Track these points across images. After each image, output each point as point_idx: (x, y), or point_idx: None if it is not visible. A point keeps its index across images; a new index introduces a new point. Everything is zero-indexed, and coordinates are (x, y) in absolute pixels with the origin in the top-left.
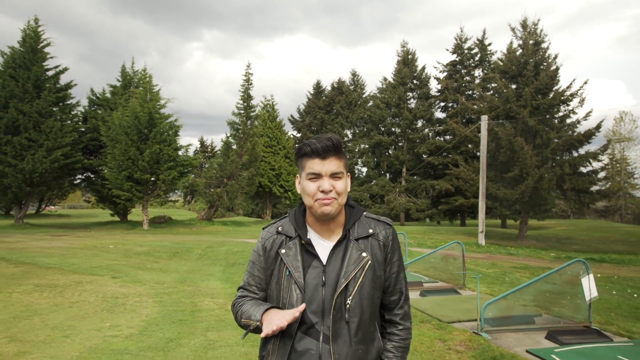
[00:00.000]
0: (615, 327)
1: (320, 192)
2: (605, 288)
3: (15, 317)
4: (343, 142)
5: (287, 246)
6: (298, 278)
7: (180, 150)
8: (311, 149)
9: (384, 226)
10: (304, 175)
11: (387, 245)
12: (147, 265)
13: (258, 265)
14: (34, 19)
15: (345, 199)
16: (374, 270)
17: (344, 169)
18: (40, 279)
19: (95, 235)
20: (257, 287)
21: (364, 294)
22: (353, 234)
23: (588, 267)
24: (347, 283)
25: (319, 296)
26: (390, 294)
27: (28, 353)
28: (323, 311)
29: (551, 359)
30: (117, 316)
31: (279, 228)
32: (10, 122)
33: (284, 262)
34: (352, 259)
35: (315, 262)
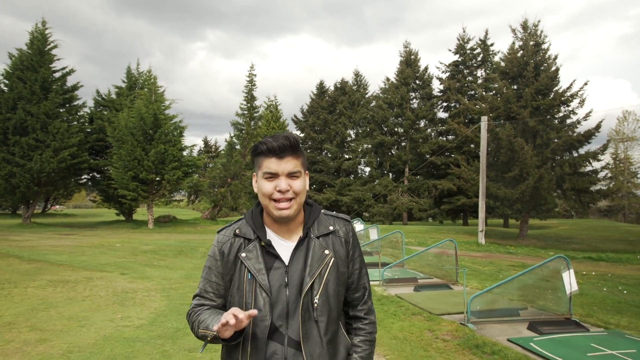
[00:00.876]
0: (595, 319)
1: (277, 192)
2: (597, 285)
3: (32, 309)
4: (300, 140)
5: (247, 249)
6: (262, 281)
7: (185, 151)
8: (267, 148)
9: (344, 222)
10: (260, 174)
11: (349, 242)
12: (153, 263)
13: (215, 270)
14: (42, 22)
15: (303, 198)
16: (337, 267)
17: (301, 168)
18: (53, 275)
19: (101, 234)
20: (215, 294)
21: (330, 291)
22: (314, 232)
23: (569, 263)
24: (312, 281)
25: (283, 298)
26: (354, 290)
27: (48, 340)
28: (287, 313)
29: (530, 347)
30: (128, 309)
31: (237, 231)
32: (19, 123)
33: (245, 265)
34: (315, 257)
35: (277, 263)
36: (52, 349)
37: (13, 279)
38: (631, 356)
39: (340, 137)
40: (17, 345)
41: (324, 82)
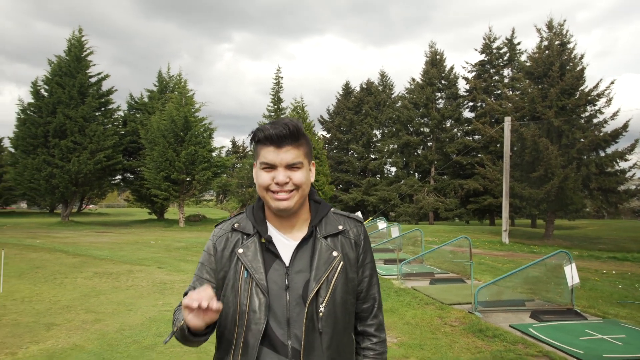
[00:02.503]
0: (596, 310)
1: (274, 184)
2: (613, 282)
3: (84, 295)
4: (302, 127)
5: (244, 245)
6: (260, 280)
7: (214, 152)
8: (264, 135)
9: (355, 223)
10: (258, 164)
11: (359, 245)
12: (187, 258)
13: (208, 267)
14: (78, 29)
15: (307, 190)
16: (346, 272)
17: (304, 159)
18: (97, 267)
19: (135, 232)
20: None
21: (337, 299)
22: (321, 231)
23: (570, 257)
24: (318, 287)
25: (283, 302)
26: (363, 300)
27: (103, 320)
28: (288, 320)
29: (528, 332)
30: (167, 297)
31: (235, 225)
32: (58, 126)
33: (241, 262)
34: (321, 259)
35: (277, 263)
36: (107, 327)
37: (63, 271)
38: (620, 340)
39: (366, 138)
40: (78, 324)
41: (349, 83)
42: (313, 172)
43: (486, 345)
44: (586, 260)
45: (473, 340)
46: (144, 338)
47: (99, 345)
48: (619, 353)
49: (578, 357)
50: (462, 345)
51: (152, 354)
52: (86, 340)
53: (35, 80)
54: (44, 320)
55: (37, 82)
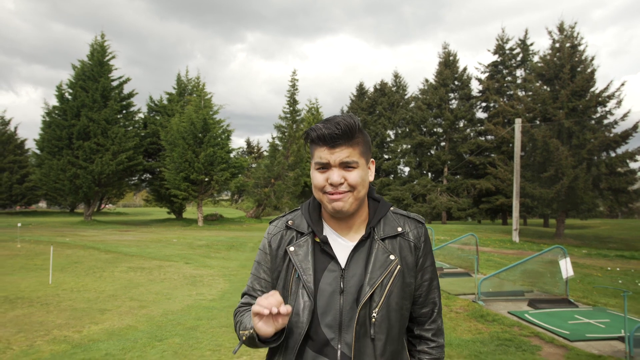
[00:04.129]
0: (588, 299)
1: (329, 185)
2: (615, 278)
3: (125, 286)
4: (359, 124)
5: (297, 243)
6: (307, 282)
7: (232, 153)
8: (317, 135)
9: (415, 224)
10: (312, 164)
11: (419, 247)
12: (211, 255)
13: (264, 265)
14: (101, 35)
15: (364, 192)
16: (403, 277)
17: (359, 158)
18: (129, 263)
19: (156, 231)
20: (263, 292)
21: (392, 304)
22: (378, 233)
23: (565, 252)
24: (372, 292)
25: (336, 306)
26: (422, 305)
27: (147, 307)
28: (340, 325)
29: (524, 317)
30: (200, 288)
31: (289, 222)
32: (82, 129)
33: (292, 262)
34: (377, 262)
35: (332, 265)
36: (152, 312)
37: (99, 265)
38: (604, 324)
39: (379, 138)
40: (126, 309)
41: (363, 84)
42: (372, 171)
43: (486, 327)
44: (593, 258)
45: (475, 324)
46: (187, 321)
47: (148, 326)
48: (600, 333)
49: (564, 336)
50: (464, 328)
51: (196, 333)
52: (137, 322)
53: (59, 84)
54: (96, 307)
55: (62, 85)
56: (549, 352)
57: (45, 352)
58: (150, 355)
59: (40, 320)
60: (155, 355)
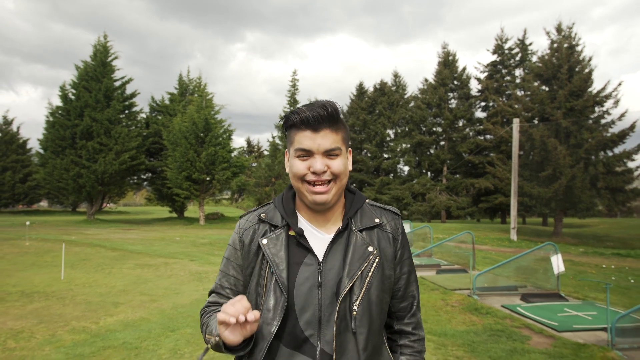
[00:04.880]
0: (579, 294)
1: (311, 173)
2: (608, 275)
3: (134, 282)
4: (340, 110)
5: (270, 236)
6: (280, 276)
7: (233, 152)
8: (300, 119)
9: (392, 216)
10: (292, 151)
11: (397, 239)
12: (214, 252)
13: (234, 262)
14: (103, 35)
15: (345, 180)
16: (382, 269)
17: (342, 144)
18: (136, 260)
19: (159, 230)
20: (232, 290)
21: (372, 297)
22: (356, 224)
23: (556, 248)
24: (352, 284)
25: (315, 301)
26: (401, 299)
27: (157, 300)
28: (320, 320)
29: (516, 310)
30: (206, 284)
31: (262, 215)
32: (85, 129)
33: (265, 256)
34: (356, 254)
35: (309, 258)
36: (163, 305)
37: (107, 262)
38: (590, 316)
39: (379, 137)
40: (138, 303)
41: (363, 83)
42: (350, 160)
43: (479, 320)
44: (590, 256)
45: (469, 316)
46: (196, 313)
47: (160, 318)
48: (586, 324)
49: (552, 327)
50: (459, 320)
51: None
52: (149, 314)
53: (63, 84)
54: (109, 300)
55: (65, 86)
56: (538, 341)
57: (66, 340)
58: (165, 344)
59: (58, 313)
60: (170, 344)
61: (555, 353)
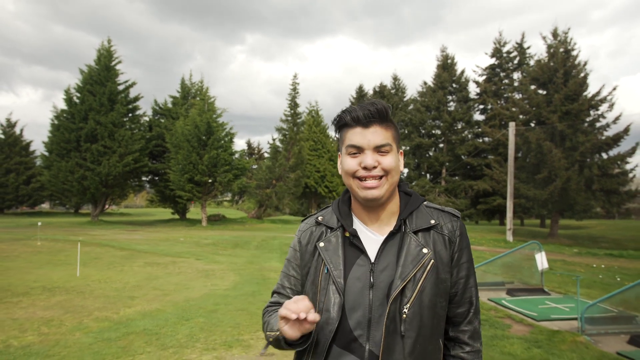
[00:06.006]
0: (561, 289)
1: (361, 169)
2: (597, 274)
3: (146, 278)
4: (391, 109)
5: (326, 238)
6: (337, 277)
7: (235, 155)
8: (351, 117)
9: (450, 218)
10: (343, 150)
11: (454, 242)
12: (218, 252)
13: (294, 262)
14: (107, 40)
15: (396, 178)
16: (437, 272)
17: (392, 142)
18: (145, 259)
19: (162, 231)
20: (292, 290)
21: (424, 301)
22: (410, 226)
23: (540, 247)
24: (404, 286)
25: (365, 301)
26: (457, 304)
27: (170, 295)
28: (370, 321)
29: (501, 303)
30: (213, 280)
31: (319, 218)
32: (90, 131)
33: (322, 257)
34: (409, 255)
35: (362, 259)
36: (176, 298)
37: (117, 261)
38: (567, 307)
39: None
40: (152, 297)
41: (363, 86)
42: (402, 161)
43: None
44: (583, 257)
45: None
46: (207, 305)
47: (174, 310)
48: (563, 314)
49: (532, 317)
50: None
51: (217, 315)
52: (164, 306)
53: (67, 88)
54: (125, 294)
55: (70, 90)
56: (518, 329)
57: (93, 327)
58: (182, 330)
59: (81, 304)
60: (186, 331)
61: (532, 338)
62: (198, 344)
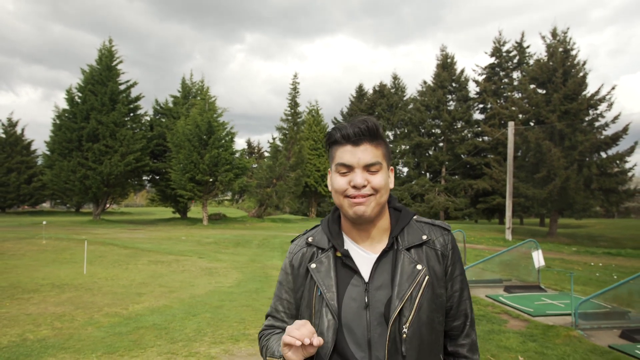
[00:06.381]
0: (557, 286)
1: (351, 188)
2: (594, 272)
3: (151, 276)
4: (381, 127)
5: (318, 260)
6: (330, 299)
7: (236, 154)
8: (341, 135)
9: (441, 231)
10: (333, 167)
11: (447, 256)
12: (220, 250)
13: (286, 286)
14: (109, 40)
15: (385, 197)
16: (432, 288)
17: (383, 160)
18: (149, 257)
19: (163, 230)
20: (286, 314)
21: (422, 318)
22: (403, 242)
23: (537, 245)
24: (402, 306)
25: (363, 322)
26: (453, 318)
27: (175, 292)
28: (369, 342)
29: (499, 299)
30: (217, 278)
31: (309, 239)
32: (91, 131)
33: (314, 280)
34: (404, 273)
35: (355, 279)
36: (181, 295)
37: (122, 259)
38: (563, 303)
39: None
40: (159, 293)
41: (362, 85)
42: (392, 178)
43: None
44: (581, 255)
45: None
46: (212, 302)
47: (181, 305)
48: (558, 310)
49: (528, 312)
50: None
51: (223, 310)
52: (171, 302)
53: (69, 88)
54: (132, 291)
55: (72, 89)
56: (514, 324)
57: (104, 322)
58: (189, 325)
59: (90, 301)
60: (193, 325)
61: (527, 333)
62: (206, 338)
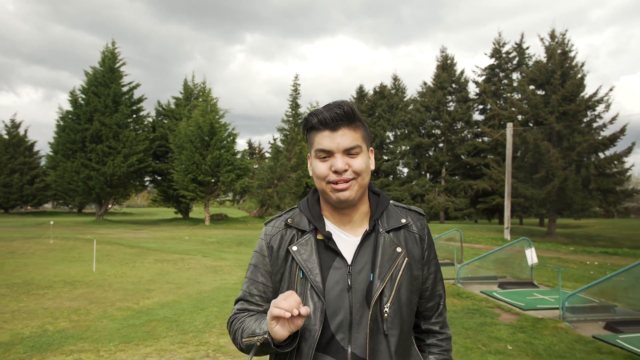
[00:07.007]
0: (550, 283)
1: (332, 173)
2: (588, 270)
3: (158, 273)
4: (357, 109)
5: (299, 242)
6: (315, 282)
7: (238, 155)
8: (318, 120)
9: (417, 216)
10: (313, 153)
11: (424, 239)
12: (224, 249)
13: (262, 269)
14: (112, 42)
15: (367, 179)
16: (411, 270)
17: (362, 142)
18: (154, 256)
19: (167, 230)
20: (261, 297)
21: (402, 299)
22: (383, 225)
23: (531, 243)
24: (383, 286)
25: (345, 304)
26: (428, 299)
27: (182, 288)
28: (351, 323)
29: (492, 295)
30: (222, 275)
31: (288, 220)
32: (95, 132)
33: (296, 262)
34: (385, 255)
35: (338, 262)
36: (189, 291)
37: (128, 258)
38: (553, 298)
39: (379, 139)
40: (167, 290)
41: (363, 86)
42: (372, 159)
43: (459, 302)
44: (578, 254)
45: (451, 300)
46: (219, 297)
47: (189, 301)
48: (548, 304)
49: (519, 307)
50: None
51: (230, 305)
52: (179, 298)
53: (73, 90)
54: (142, 287)
55: (75, 91)
56: (505, 317)
57: (117, 315)
58: (198, 318)
59: (102, 296)
60: (202, 318)
61: (518, 325)
62: (214, 330)
